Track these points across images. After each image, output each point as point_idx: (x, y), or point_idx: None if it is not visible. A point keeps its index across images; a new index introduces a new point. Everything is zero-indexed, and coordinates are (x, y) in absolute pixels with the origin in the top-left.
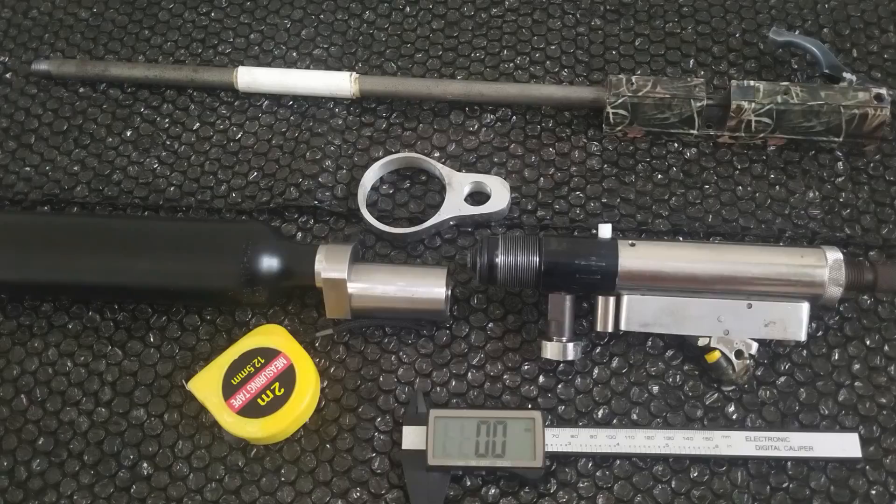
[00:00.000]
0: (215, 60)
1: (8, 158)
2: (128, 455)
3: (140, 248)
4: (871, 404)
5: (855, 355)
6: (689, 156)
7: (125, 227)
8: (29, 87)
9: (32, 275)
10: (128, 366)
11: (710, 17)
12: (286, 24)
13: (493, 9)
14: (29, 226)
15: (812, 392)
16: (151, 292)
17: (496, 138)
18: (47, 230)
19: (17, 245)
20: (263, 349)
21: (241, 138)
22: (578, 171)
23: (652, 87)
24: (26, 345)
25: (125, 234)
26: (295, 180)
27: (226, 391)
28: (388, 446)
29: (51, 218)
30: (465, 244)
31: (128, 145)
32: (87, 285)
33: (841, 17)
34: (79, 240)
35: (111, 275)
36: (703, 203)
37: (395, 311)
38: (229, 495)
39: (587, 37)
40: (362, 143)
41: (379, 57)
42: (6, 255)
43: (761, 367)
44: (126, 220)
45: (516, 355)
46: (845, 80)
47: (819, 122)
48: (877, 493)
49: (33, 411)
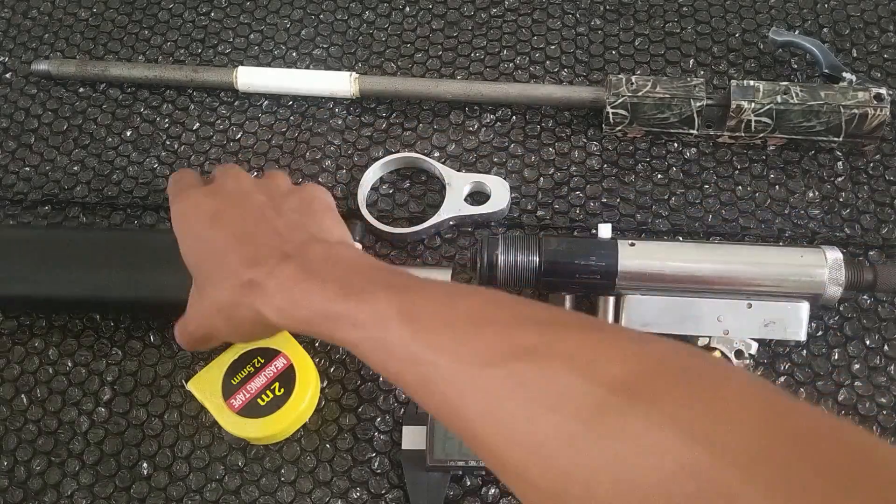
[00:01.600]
0: (215, 60)
1: (8, 158)
2: (128, 455)
3: (133, 260)
4: (871, 404)
5: (855, 355)
6: (688, 156)
7: (115, 238)
8: (29, 87)
9: (22, 289)
10: (128, 366)
11: (710, 17)
12: (286, 24)
13: (493, 9)
14: (16, 239)
15: (812, 392)
16: (147, 306)
17: (496, 138)
18: (35, 243)
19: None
20: (263, 349)
21: (241, 138)
22: (578, 170)
23: (652, 87)
24: (26, 344)
25: (115, 246)
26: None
27: (226, 391)
28: (388, 446)
29: (40, 231)
30: (465, 244)
31: (128, 145)
32: (81, 299)
33: (841, 17)
34: (70, 252)
35: (105, 289)
36: (703, 203)
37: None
38: (229, 495)
39: (587, 37)
40: (362, 143)
41: (379, 57)
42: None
43: (761, 366)
44: (113, 231)
45: None
46: (845, 79)
47: (819, 121)
48: None
49: (33, 411)
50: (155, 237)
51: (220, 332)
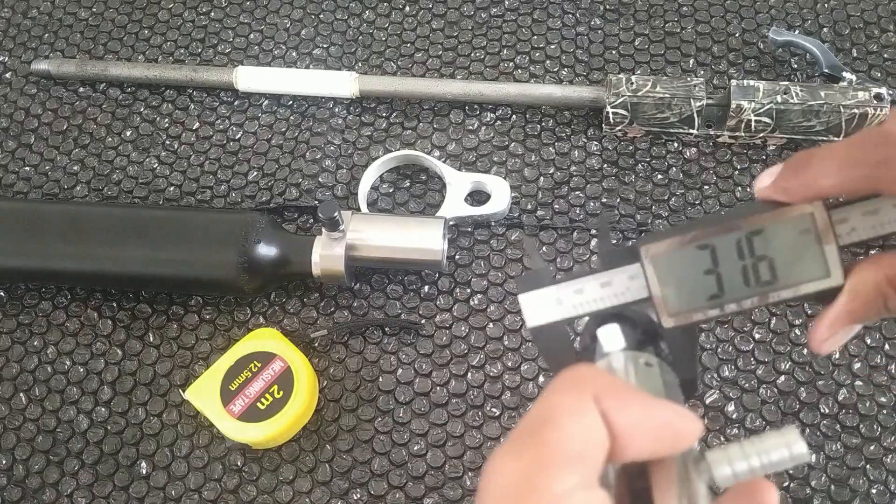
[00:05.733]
0: (215, 60)
1: (8, 158)
2: (126, 454)
3: (139, 236)
4: (872, 403)
5: (855, 354)
6: (688, 155)
7: (124, 215)
8: (29, 87)
9: (30, 262)
10: (127, 365)
11: (710, 16)
12: (286, 23)
13: (492, 8)
14: (28, 213)
15: (812, 391)
16: (151, 280)
17: (496, 137)
18: (47, 218)
19: (15, 232)
20: (259, 353)
21: (240, 138)
22: (578, 170)
23: (652, 87)
24: (25, 343)
25: (124, 222)
26: (295, 180)
27: (224, 397)
28: (388, 446)
29: (51, 206)
30: (465, 244)
31: (127, 145)
32: (88, 273)
33: (841, 16)
34: (79, 227)
35: (111, 263)
36: (703, 203)
37: (392, 261)
38: (228, 495)
39: (587, 36)
40: (362, 142)
41: (379, 57)
42: (7, 242)
43: (762, 365)
44: (123, 208)
45: (516, 355)
46: (845, 79)
47: (819, 121)
48: (877, 493)
49: (32, 410)
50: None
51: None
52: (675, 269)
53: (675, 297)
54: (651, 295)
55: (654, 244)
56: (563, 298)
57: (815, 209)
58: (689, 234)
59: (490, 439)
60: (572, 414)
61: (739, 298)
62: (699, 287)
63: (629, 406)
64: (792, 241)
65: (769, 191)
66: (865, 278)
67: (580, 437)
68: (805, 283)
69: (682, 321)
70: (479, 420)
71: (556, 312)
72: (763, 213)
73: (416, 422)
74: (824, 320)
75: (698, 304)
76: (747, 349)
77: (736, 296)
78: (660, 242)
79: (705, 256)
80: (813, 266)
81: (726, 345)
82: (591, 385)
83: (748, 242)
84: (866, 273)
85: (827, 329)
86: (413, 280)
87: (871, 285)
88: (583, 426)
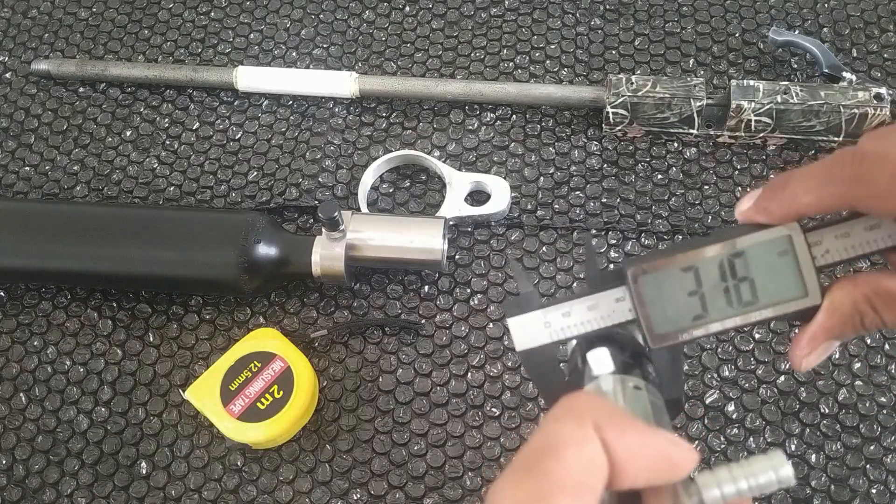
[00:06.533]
0: (215, 60)
1: (8, 158)
2: (126, 454)
3: (139, 236)
4: (872, 403)
5: (855, 354)
6: (688, 155)
7: (124, 215)
8: (29, 87)
9: (30, 262)
10: (127, 365)
11: (710, 16)
12: (286, 23)
13: (492, 8)
14: (28, 213)
15: (812, 391)
16: (151, 280)
17: (496, 137)
18: (47, 218)
19: (15, 232)
20: (258, 353)
21: (240, 138)
22: (578, 170)
23: (652, 87)
24: (25, 343)
25: (124, 222)
26: (295, 180)
27: (224, 397)
28: (387, 446)
29: (51, 206)
30: (465, 244)
31: (127, 145)
32: (88, 273)
33: (841, 16)
34: (79, 227)
35: (111, 263)
36: (703, 203)
37: (392, 261)
38: (228, 495)
39: (587, 36)
40: (362, 142)
41: (379, 57)
42: (7, 242)
43: (762, 365)
44: (123, 208)
45: (516, 355)
46: (845, 79)
47: (819, 121)
48: (877, 493)
49: (32, 409)
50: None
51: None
52: (661, 290)
53: (661, 319)
54: (637, 316)
55: (639, 266)
56: (552, 321)
57: (793, 231)
58: (673, 256)
59: (490, 439)
60: (573, 444)
61: (722, 318)
62: (684, 308)
63: (627, 436)
64: (771, 263)
65: (750, 212)
66: (842, 297)
67: (581, 466)
68: (784, 303)
69: (668, 342)
70: (479, 420)
71: (545, 335)
72: (744, 236)
73: (416, 422)
74: (803, 337)
75: (683, 325)
76: (747, 349)
77: (719, 316)
78: (645, 265)
79: (689, 278)
80: (792, 286)
81: (726, 345)
82: (591, 414)
83: (730, 264)
84: (843, 292)
85: (806, 345)
86: (413, 280)
87: (848, 304)
88: (584, 456)
